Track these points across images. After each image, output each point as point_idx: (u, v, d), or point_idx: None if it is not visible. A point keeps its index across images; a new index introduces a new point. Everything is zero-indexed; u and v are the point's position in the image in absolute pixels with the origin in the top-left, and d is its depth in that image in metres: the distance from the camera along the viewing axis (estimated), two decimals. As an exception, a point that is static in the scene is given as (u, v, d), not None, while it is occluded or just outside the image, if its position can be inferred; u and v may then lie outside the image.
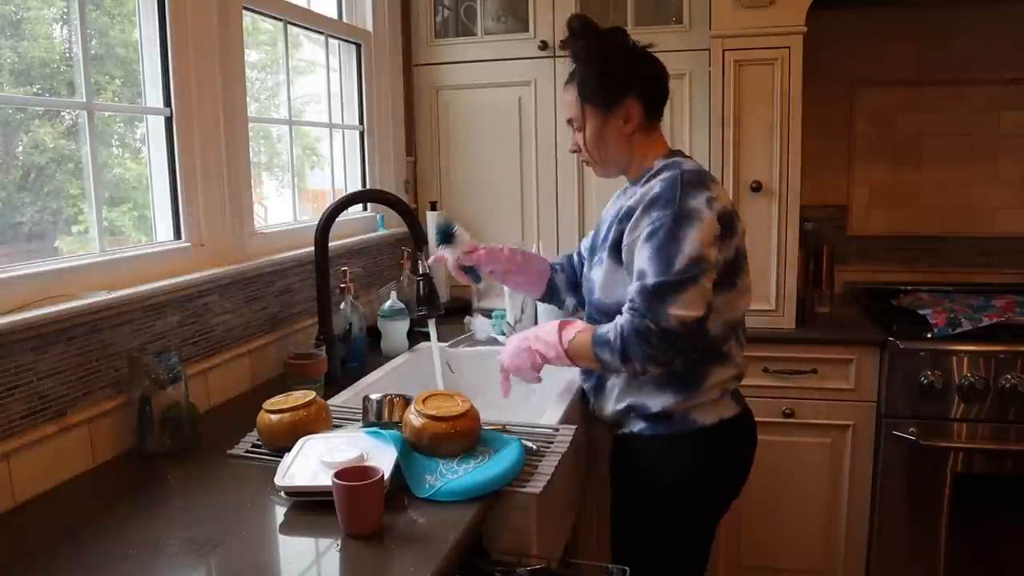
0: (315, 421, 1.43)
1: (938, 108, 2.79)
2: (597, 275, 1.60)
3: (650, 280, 1.42)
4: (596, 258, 1.62)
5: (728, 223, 1.49)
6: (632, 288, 1.46)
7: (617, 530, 1.67)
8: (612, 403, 1.61)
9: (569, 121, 1.63)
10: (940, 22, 2.73)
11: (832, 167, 2.87)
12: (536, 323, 2.20)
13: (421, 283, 1.84)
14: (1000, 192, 2.79)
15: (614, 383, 1.60)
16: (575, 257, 1.85)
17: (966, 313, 2.28)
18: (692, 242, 1.43)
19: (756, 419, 1.68)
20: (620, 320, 1.47)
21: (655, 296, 1.41)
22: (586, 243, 1.76)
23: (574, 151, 1.65)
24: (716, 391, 1.55)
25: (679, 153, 1.62)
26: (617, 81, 1.55)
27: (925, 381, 2.21)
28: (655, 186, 1.49)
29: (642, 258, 1.45)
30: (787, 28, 2.25)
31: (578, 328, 1.53)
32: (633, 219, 1.49)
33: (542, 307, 2.28)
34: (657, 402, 1.54)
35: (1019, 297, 2.48)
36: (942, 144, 2.81)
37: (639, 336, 1.42)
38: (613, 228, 1.56)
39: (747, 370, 1.65)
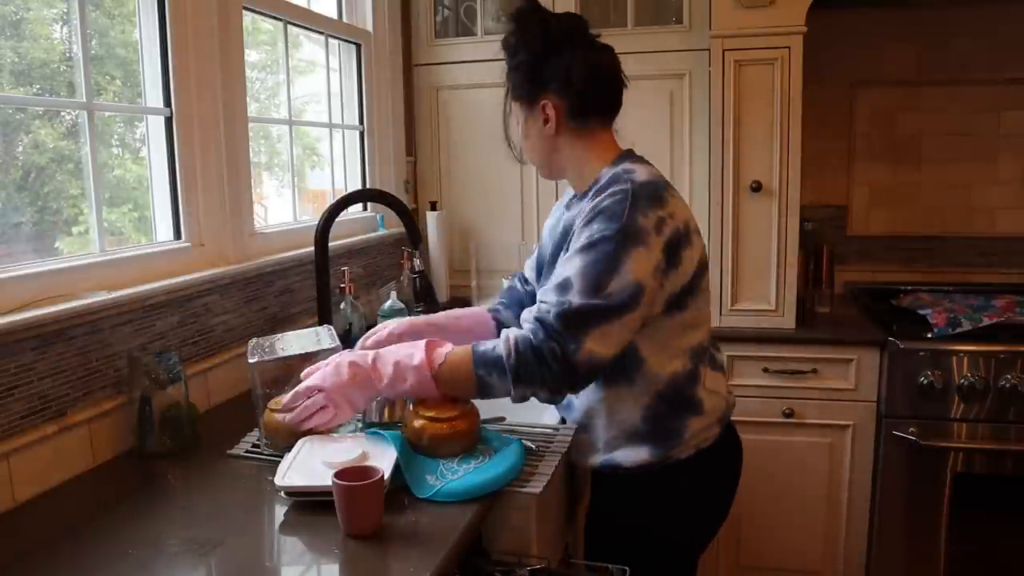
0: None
1: (938, 108, 2.79)
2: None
3: (575, 300, 1.24)
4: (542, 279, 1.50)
5: (674, 251, 1.31)
6: (549, 299, 1.27)
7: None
8: (586, 459, 1.45)
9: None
10: (940, 22, 2.73)
11: (832, 167, 2.87)
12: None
13: (417, 280, 1.87)
14: (1000, 192, 2.80)
15: (591, 440, 1.43)
16: (518, 284, 1.68)
17: (966, 313, 2.28)
18: (632, 265, 1.25)
19: (756, 419, 1.67)
20: (515, 335, 1.27)
21: (575, 320, 1.23)
22: (530, 262, 1.63)
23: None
24: (698, 438, 1.40)
25: (629, 156, 1.42)
26: (538, 76, 1.38)
27: (925, 381, 2.21)
28: (603, 200, 1.30)
29: (571, 267, 1.27)
30: (787, 28, 2.25)
31: (450, 348, 1.31)
32: (574, 234, 1.33)
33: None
34: (632, 459, 1.39)
35: (1019, 297, 2.48)
36: (942, 144, 2.81)
37: (539, 358, 1.23)
38: (554, 246, 1.45)
39: (730, 405, 1.50)
